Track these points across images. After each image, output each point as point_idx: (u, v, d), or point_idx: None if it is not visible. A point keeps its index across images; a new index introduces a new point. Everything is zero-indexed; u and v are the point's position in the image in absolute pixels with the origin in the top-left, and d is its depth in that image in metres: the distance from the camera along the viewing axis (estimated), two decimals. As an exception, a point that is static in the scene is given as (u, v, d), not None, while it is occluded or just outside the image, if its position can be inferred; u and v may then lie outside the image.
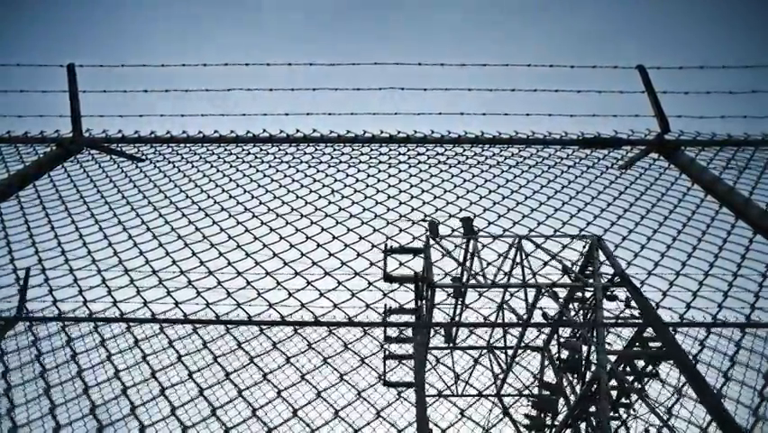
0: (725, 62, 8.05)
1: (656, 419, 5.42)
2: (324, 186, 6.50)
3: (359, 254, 5.71)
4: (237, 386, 4.58)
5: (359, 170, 6.89)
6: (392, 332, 7.59)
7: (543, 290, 6.22)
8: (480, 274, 6.08)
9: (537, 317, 6.95)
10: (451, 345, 9.53)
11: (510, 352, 8.56)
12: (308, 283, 5.29)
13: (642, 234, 6.00)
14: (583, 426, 7.00)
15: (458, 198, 6.11)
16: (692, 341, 6.05)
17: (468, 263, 6.50)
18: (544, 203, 6.09)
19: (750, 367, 5.03)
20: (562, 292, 6.49)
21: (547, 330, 8.48)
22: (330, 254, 5.71)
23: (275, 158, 7.48)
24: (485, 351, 9.23)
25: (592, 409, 6.49)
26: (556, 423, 7.80)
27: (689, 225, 6.19)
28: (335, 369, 5.24)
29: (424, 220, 5.99)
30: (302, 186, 6.56)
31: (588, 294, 6.27)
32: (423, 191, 6.30)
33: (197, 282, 4.70)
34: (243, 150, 7.83)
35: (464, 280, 6.60)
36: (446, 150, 7.41)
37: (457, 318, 7.60)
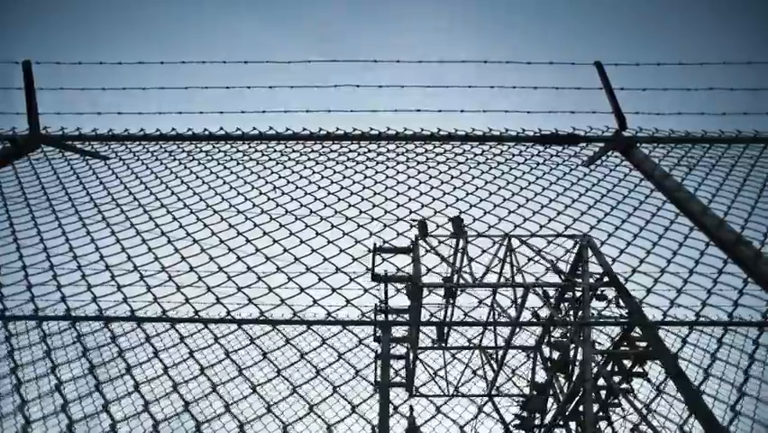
0: (682, 60, 7.99)
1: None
2: (266, 183, 6.43)
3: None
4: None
5: (305, 168, 6.83)
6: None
7: (531, 290, 6.13)
8: (469, 273, 6.03)
9: (529, 316, 6.90)
10: (442, 344, 9.47)
11: (502, 352, 8.49)
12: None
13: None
14: (573, 425, 6.92)
15: (398, 194, 6.03)
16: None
17: (457, 263, 6.44)
18: (481, 199, 6.01)
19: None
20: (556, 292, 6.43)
21: (539, 331, 8.39)
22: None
23: (226, 155, 7.44)
24: (478, 351, 9.17)
25: (581, 408, 6.41)
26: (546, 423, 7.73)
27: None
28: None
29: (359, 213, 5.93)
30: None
31: (578, 294, 6.18)
32: (364, 187, 6.24)
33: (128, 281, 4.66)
34: (197, 147, 7.80)
35: (454, 279, 6.54)
36: (398, 146, 7.35)
37: (448, 318, 7.55)
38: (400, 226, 5.55)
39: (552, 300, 6.54)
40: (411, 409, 8.36)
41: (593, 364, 5.74)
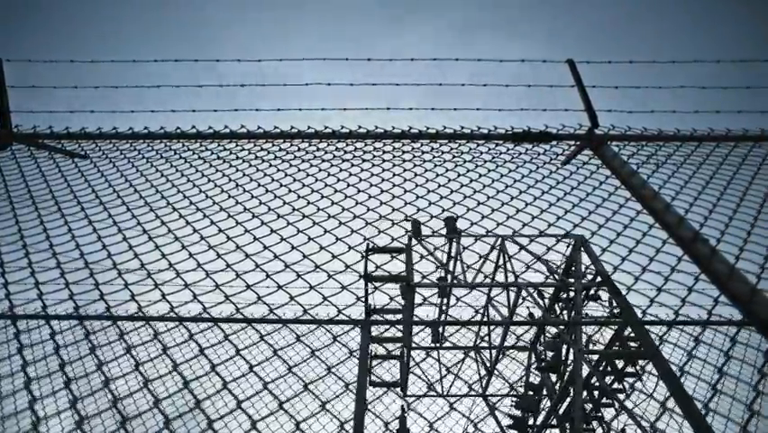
0: (654, 58, 7.95)
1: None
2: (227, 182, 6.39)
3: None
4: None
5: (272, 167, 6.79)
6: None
7: (524, 291, 6.09)
8: (462, 274, 5.99)
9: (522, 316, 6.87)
10: (437, 344, 9.41)
11: (495, 352, 8.45)
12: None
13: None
14: (567, 425, 6.88)
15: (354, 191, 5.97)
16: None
17: (451, 263, 6.40)
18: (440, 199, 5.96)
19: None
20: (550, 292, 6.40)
21: (534, 331, 8.34)
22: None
23: (194, 153, 7.42)
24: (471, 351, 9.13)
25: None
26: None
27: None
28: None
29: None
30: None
31: (572, 294, 6.15)
32: (326, 185, 6.20)
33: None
34: (167, 146, 7.78)
35: (447, 280, 6.49)
36: (366, 144, 7.32)
37: (442, 318, 7.51)
38: (356, 224, 5.50)
39: (546, 301, 6.49)
40: (403, 409, 8.31)
41: (583, 364, 5.70)
